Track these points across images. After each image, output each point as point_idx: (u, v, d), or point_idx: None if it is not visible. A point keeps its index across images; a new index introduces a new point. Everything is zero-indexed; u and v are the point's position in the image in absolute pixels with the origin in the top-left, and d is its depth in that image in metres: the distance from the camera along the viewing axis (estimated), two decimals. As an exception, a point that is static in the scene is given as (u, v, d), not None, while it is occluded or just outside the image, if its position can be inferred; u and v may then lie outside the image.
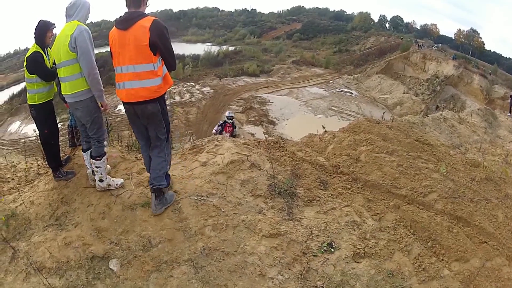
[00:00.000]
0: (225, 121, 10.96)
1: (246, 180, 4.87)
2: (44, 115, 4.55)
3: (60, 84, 4.22)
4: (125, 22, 3.69)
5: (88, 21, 4.18)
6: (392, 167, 5.80)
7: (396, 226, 4.62)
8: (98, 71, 3.96)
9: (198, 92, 42.01)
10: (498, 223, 5.31)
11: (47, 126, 4.60)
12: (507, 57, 79.91)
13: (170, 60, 3.90)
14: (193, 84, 45.02)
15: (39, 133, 4.67)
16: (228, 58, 58.26)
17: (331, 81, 51.97)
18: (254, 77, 49.86)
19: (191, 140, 16.14)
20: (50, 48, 4.41)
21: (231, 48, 66.58)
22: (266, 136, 6.71)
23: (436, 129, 10.14)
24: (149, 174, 4.12)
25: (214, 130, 10.83)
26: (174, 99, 38.60)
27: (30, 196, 4.43)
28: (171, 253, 3.69)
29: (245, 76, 50.00)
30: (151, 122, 3.93)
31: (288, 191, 4.81)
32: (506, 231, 5.25)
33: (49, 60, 4.50)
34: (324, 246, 4.08)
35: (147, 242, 3.75)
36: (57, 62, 4.06)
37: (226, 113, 11.30)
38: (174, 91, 41.01)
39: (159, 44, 3.68)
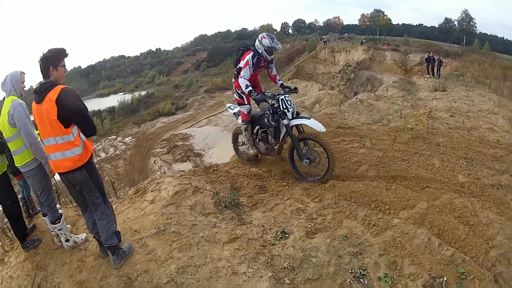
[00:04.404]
0: (259, 56, 6.20)
1: (193, 204, 5.27)
2: (2, 187, 4.56)
3: (9, 157, 4.37)
4: (38, 95, 3.64)
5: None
6: (320, 157, 6.43)
7: (337, 201, 5.23)
8: (39, 140, 4.04)
9: (121, 144, 40.93)
10: (436, 169, 6.14)
11: (8, 198, 4.59)
12: (418, 24, 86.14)
13: (86, 127, 3.78)
14: (115, 137, 43.93)
15: (1, 206, 4.67)
16: (142, 103, 58.05)
17: (246, 100, 52.71)
18: (171, 115, 50.01)
19: (125, 192, 15.82)
20: None
21: (143, 93, 65.96)
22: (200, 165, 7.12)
23: (355, 113, 10.55)
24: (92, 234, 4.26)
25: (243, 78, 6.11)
26: (100, 156, 37.51)
27: (7, 272, 4.51)
28: (151, 281, 3.97)
29: (163, 117, 49.98)
30: (83, 189, 3.91)
31: (233, 203, 5.31)
32: (446, 172, 6.09)
33: None
34: (279, 235, 4.60)
35: (127, 279, 4.00)
36: (5, 138, 4.20)
37: (266, 41, 6.09)
38: (98, 148, 39.65)
39: (69, 115, 3.61)
